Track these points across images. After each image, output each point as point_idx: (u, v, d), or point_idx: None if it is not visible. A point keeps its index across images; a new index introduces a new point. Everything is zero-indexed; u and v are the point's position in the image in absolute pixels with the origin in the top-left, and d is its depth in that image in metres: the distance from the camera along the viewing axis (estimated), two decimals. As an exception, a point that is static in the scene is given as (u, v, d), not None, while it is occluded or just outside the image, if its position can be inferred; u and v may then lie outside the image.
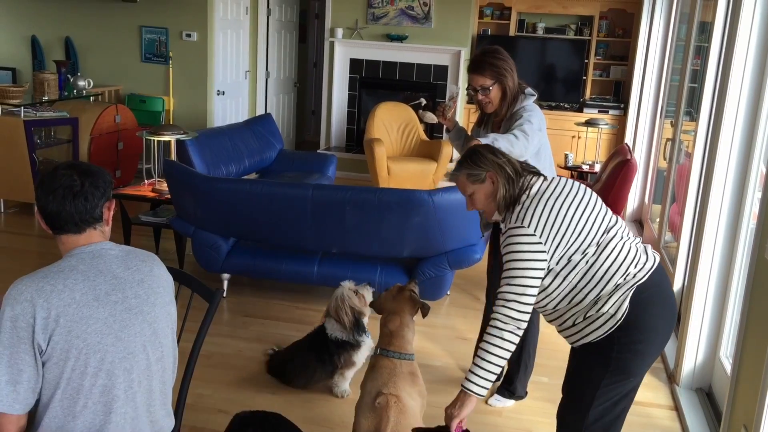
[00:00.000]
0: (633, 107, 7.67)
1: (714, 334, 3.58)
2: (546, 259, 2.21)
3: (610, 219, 2.30)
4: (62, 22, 7.76)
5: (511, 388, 3.54)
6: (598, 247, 2.23)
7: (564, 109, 8.58)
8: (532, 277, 2.20)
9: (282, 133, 7.38)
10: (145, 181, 5.61)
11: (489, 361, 2.21)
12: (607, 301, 2.22)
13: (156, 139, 5.38)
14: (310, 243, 4.41)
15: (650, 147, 6.85)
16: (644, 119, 7.01)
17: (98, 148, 6.60)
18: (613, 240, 2.25)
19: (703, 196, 3.62)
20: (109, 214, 2.01)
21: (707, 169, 3.64)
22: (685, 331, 3.62)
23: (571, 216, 2.23)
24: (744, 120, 3.38)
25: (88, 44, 7.77)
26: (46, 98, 6.43)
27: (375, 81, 8.66)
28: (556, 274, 2.26)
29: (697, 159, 4.26)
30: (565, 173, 7.19)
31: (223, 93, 7.94)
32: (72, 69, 7.43)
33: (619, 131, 8.26)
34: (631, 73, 8.08)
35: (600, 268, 2.23)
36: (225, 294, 4.69)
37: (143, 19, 7.63)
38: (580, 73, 8.64)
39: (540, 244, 2.19)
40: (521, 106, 3.20)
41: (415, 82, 8.54)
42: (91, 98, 7.06)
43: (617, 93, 8.75)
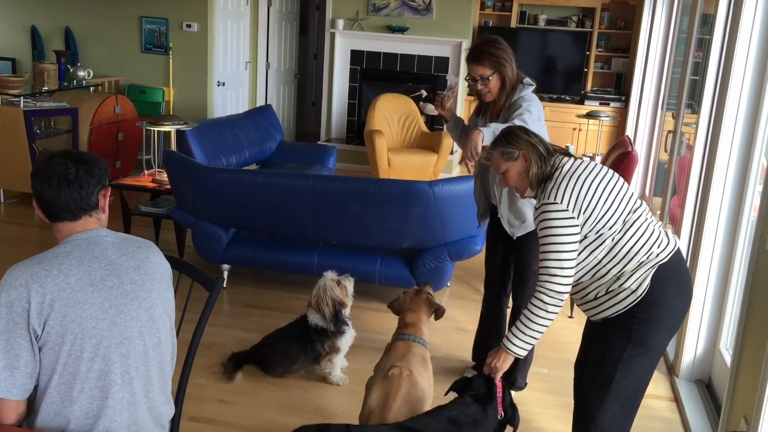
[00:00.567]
0: (634, 99, 7.66)
1: (714, 326, 3.58)
2: (578, 231, 2.33)
3: (636, 201, 2.41)
4: (62, 12, 7.73)
5: (511, 379, 3.55)
6: (624, 225, 2.35)
7: (565, 101, 8.56)
8: (569, 250, 2.33)
9: (282, 124, 7.37)
10: (144, 172, 5.61)
11: (532, 329, 2.38)
12: (630, 277, 2.34)
13: (156, 129, 5.37)
14: (311, 234, 4.41)
15: (651, 139, 6.84)
16: (645, 111, 7.00)
17: (98, 139, 6.59)
18: (638, 220, 2.36)
19: (704, 188, 3.62)
20: (105, 202, 2.02)
21: (708, 162, 3.63)
22: (685, 323, 3.63)
23: (601, 192, 2.34)
24: (745, 113, 3.37)
25: (88, 34, 7.75)
26: (45, 88, 6.41)
27: (376, 72, 8.63)
28: (584, 247, 2.37)
29: (699, 151, 4.25)
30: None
31: (224, 84, 7.92)
32: (72, 59, 7.40)
33: (620, 123, 8.25)
34: (633, 65, 8.06)
35: (625, 245, 2.34)
36: (225, 284, 4.69)
37: (143, 9, 7.60)
38: (581, 65, 8.63)
39: (573, 218, 2.32)
40: (520, 96, 3.20)
41: (416, 74, 8.52)
42: (91, 89, 7.05)
43: (618, 85, 8.74)
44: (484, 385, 2.48)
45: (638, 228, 2.35)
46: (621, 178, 2.44)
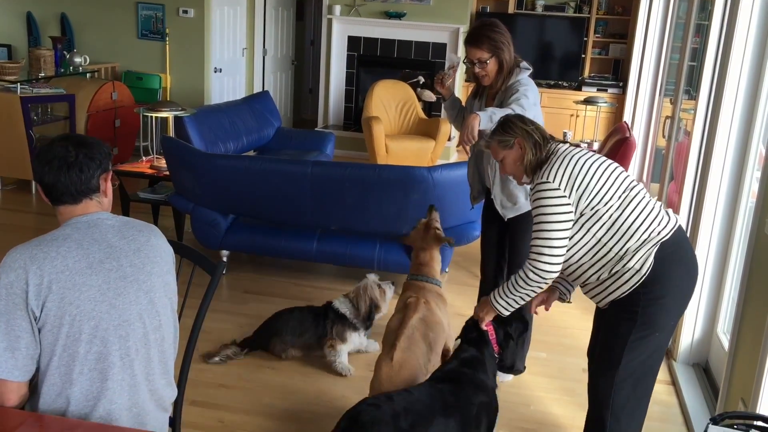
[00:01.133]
0: (632, 85, 7.65)
1: (711, 310, 3.60)
2: (571, 210, 2.35)
3: (633, 181, 2.43)
4: (57, -3, 7.69)
5: (509, 363, 3.56)
6: (622, 201, 2.36)
7: (562, 87, 8.55)
8: (559, 229, 2.35)
9: (279, 111, 7.36)
10: (142, 158, 5.60)
11: (514, 296, 2.48)
12: (633, 257, 2.34)
13: (154, 115, 5.36)
14: (310, 219, 4.41)
15: (649, 125, 6.84)
16: (643, 97, 7.00)
17: (95, 125, 6.57)
18: (636, 197, 2.37)
19: (703, 173, 3.63)
20: (106, 186, 2.02)
21: (707, 147, 3.64)
22: (682, 308, 3.65)
23: (595, 170, 2.37)
24: (744, 99, 3.38)
25: (84, 20, 7.70)
26: (42, 75, 6.39)
27: (373, 59, 8.61)
28: (581, 225, 2.38)
29: (697, 137, 4.26)
30: (564, 152, 7.18)
31: (221, 70, 7.89)
32: (68, 45, 7.37)
33: (617, 110, 8.25)
34: (631, 51, 8.05)
35: (625, 222, 2.35)
36: (225, 270, 4.69)
37: (139, -5, 7.56)
38: (579, 51, 8.61)
39: (564, 197, 2.34)
40: (517, 80, 3.20)
41: (413, 60, 8.49)
42: (88, 75, 7.02)
43: (616, 71, 8.73)
44: (474, 330, 2.67)
45: (637, 205, 2.35)
46: (616, 163, 2.46)
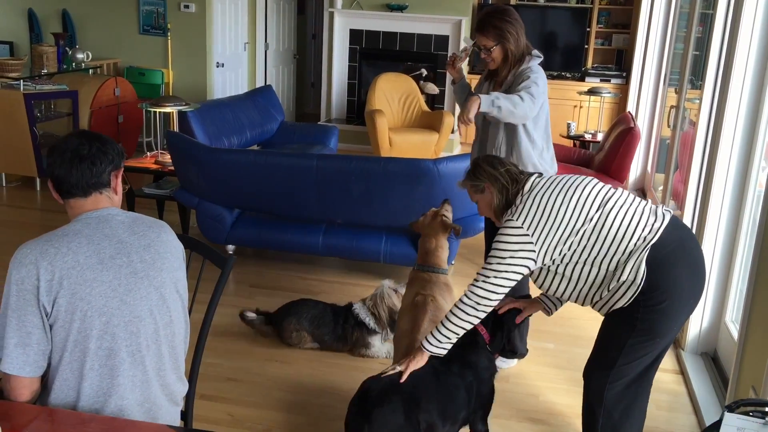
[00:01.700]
0: (635, 76, 7.63)
1: (719, 299, 3.60)
2: (534, 250, 2.31)
3: (606, 193, 2.35)
4: (59, -6, 7.68)
5: (511, 347, 3.56)
6: (598, 220, 2.29)
7: (565, 78, 8.53)
8: (511, 264, 2.32)
9: (282, 105, 7.35)
10: (147, 154, 5.60)
11: (447, 328, 2.41)
12: (624, 269, 2.27)
13: (157, 110, 5.36)
14: (315, 213, 4.41)
15: (653, 115, 6.83)
16: (647, 88, 6.98)
17: (98, 121, 6.57)
18: (612, 211, 2.30)
19: (709, 163, 3.62)
20: (117, 182, 2.02)
21: (713, 137, 3.63)
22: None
23: (560, 204, 2.31)
24: (750, 88, 3.37)
25: (86, 16, 7.69)
26: (45, 71, 6.38)
27: (375, 52, 8.59)
28: (565, 264, 2.33)
29: (702, 126, 4.24)
30: (567, 142, 7.18)
31: (223, 65, 7.88)
32: (70, 41, 7.36)
33: (621, 100, 8.23)
34: (634, 41, 8.03)
35: (605, 240, 2.28)
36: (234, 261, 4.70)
37: (141, -10, 7.55)
38: (581, 41, 8.58)
39: (527, 236, 2.31)
40: (527, 67, 3.20)
41: (415, 53, 8.47)
42: (90, 71, 7.01)
43: (619, 62, 8.70)
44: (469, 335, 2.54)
45: (614, 218, 2.29)
46: (585, 178, 2.40)
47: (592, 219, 2.29)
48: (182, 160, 4.53)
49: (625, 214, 2.30)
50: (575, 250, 2.31)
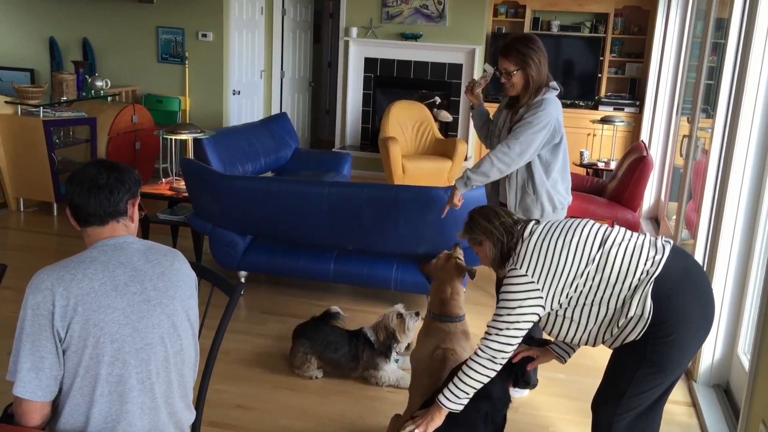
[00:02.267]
0: (649, 104, 7.64)
1: (732, 330, 3.56)
2: (541, 297, 2.31)
3: (604, 232, 2.36)
4: (80, 23, 7.84)
5: (525, 378, 3.54)
6: (599, 260, 2.30)
7: (579, 106, 8.55)
8: (521, 314, 2.32)
9: (297, 132, 7.42)
10: (162, 180, 5.67)
11: (465, 383, 2.38)
12: (630, 305, 2.27)
13: (173, 137, 5.43)
14: (326, 240, 4.44)
15: (666, 144, 6.82)
16: (660, 116, 6.98)
17: (116, 148, 6.66)
18: (612, 249, 2.31)
19: (721, 192, 3.61)
20: (133, 211, 2.06)
21: (724, 166, 3.62)
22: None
23: (561, 248, 2.32)
24: (762, 116, 3.36)
25: (106, 45, 7.84)
26: (64, 98, 6.50)
27: (389, 80, 8.67)
28: (572, 308, 2.33)
29: (714, 155, 4.24)
30: (580, 171, 7.18)
31: (239, 93, 7.99)
32: (90, 69, 7.50)
33: (634, 129, 8.23)
34: (647, 70, 8.05)
35: (609, 278, 2.29)
36: (242, 291, 4.72)
37: (160, 19, 7.69)
38: (595, 70, 8.62)
39: (533, 283, 2.31)
40: (541, 99, 3.23)
41: (429, 81, 8.55)
42: (109, 98, 7.13)
43: (633, 90, 8.72)
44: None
45: (615, 256, 2.30)
46: (581, 220, 2.42)
47: (594, 259, 2.30)
48: (196, 186, 4.59)
49: (626, 250, 2.31)
50: (581, 291, 2.32)
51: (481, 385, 2.39)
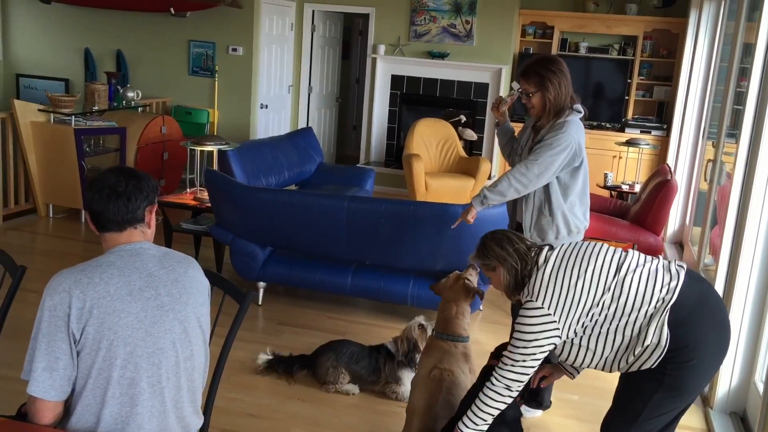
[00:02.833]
0: (676, 128, 7.58)
1: (749, 357, 3.52)
2: (558, 328, 2.30)
3: (619, 258, 2.34)
4: (114, 35, 8.03)
5: (539, 399, 3.54)
6: (615, 288, 2.29)
7: (605, 128, 8.52)
8: (537, 346, 2.32)
9: (323, 147, 7.50)
10: (186, 190, 5.76)
11: (483, 410, 2.39)
12: (647, 333, 2.25)
13: (199, 149, 5.52)
14: (345, 254, 4.47)
15: (692, 169, 6.76)
16: (686, 140, 6.93)
17: (144, 158, 6.79)
18: (626, 277, 2.29)
19: (740, 217, 3.58)
20: (151, 218, 2.11)
21: (744, 191, 3.59)
22: (719, 354, 3.56)
23: (576, 278, 2.31)
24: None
25: (138, 57, 8.02)
26: (96, 108, 6.64)
27: (415, 97, 8.73)
28: (588, 336, 2.33)
29: (738, 180, 4.21)
30: (604, 193, 7.14)
31: (267, 106, 8.09)
32: (122, 80, 7.67)
33: (661, 152, 8.17)
34: (675, 93, 8.00)
35: (626, 307, 2.28)
36: (260, 302, 4.77)
37: (191, 33, 7.84)
38: (622, 92, 8.58)
39: (549, 315, 2.30)
40: (563, 121, 3.24)
41: (455, 99, 8.58)
42: (139, 109, 7.28)
43: (660, 113, 8.66)
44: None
45: (630, 284, 2.28)
46: (596, 244, 2.39)
47: (610, 288, 2.29)
48: (218, 196, 4.66)
49: (640, 277, 2.29)
50: (596, 320, 2.31)
51: (499, 411, 2.41)
